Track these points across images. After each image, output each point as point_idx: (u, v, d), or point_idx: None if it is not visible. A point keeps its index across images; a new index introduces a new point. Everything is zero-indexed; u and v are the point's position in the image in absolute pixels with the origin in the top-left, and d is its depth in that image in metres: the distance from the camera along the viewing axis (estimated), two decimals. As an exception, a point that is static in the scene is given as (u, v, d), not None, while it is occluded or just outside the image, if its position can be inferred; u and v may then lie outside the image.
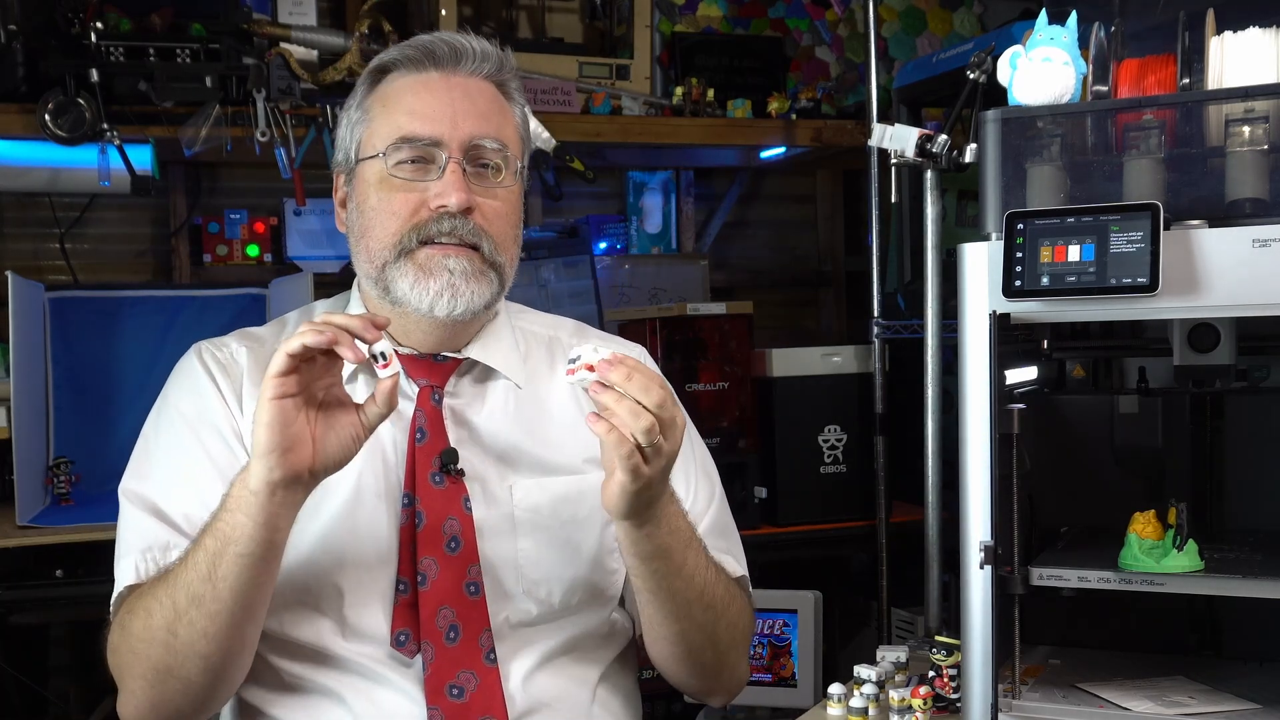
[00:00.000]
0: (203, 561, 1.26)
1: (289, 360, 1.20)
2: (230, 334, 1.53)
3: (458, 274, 1.40)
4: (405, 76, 1.45)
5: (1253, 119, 1.42)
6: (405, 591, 1.39)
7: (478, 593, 1.40)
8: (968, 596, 1.47)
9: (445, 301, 1.40)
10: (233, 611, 1.26)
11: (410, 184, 1.41)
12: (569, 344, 1.58)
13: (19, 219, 2.91)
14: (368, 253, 1.44)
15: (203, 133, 2.48)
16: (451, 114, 1.41)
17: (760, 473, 2.68)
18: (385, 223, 1.41)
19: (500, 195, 1.44)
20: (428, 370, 1.46)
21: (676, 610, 1.43)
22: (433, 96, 1.43)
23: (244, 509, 1.23)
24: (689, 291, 3.20)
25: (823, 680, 2.24)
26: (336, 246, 3.03)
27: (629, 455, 1.23)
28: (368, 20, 2.64)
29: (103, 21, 2.43)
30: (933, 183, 2.32)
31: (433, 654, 1.38)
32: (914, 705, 1.65)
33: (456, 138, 1.41)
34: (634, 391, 1.22)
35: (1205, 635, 1.68)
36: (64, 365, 2.64)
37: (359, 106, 1.48)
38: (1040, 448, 1.62)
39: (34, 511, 2.35)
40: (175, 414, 1.45)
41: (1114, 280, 1.37)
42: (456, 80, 1.44)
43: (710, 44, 3.23)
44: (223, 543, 1.24)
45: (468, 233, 1.40)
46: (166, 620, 1.28)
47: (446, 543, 1.40)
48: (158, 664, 1.30)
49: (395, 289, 1.41)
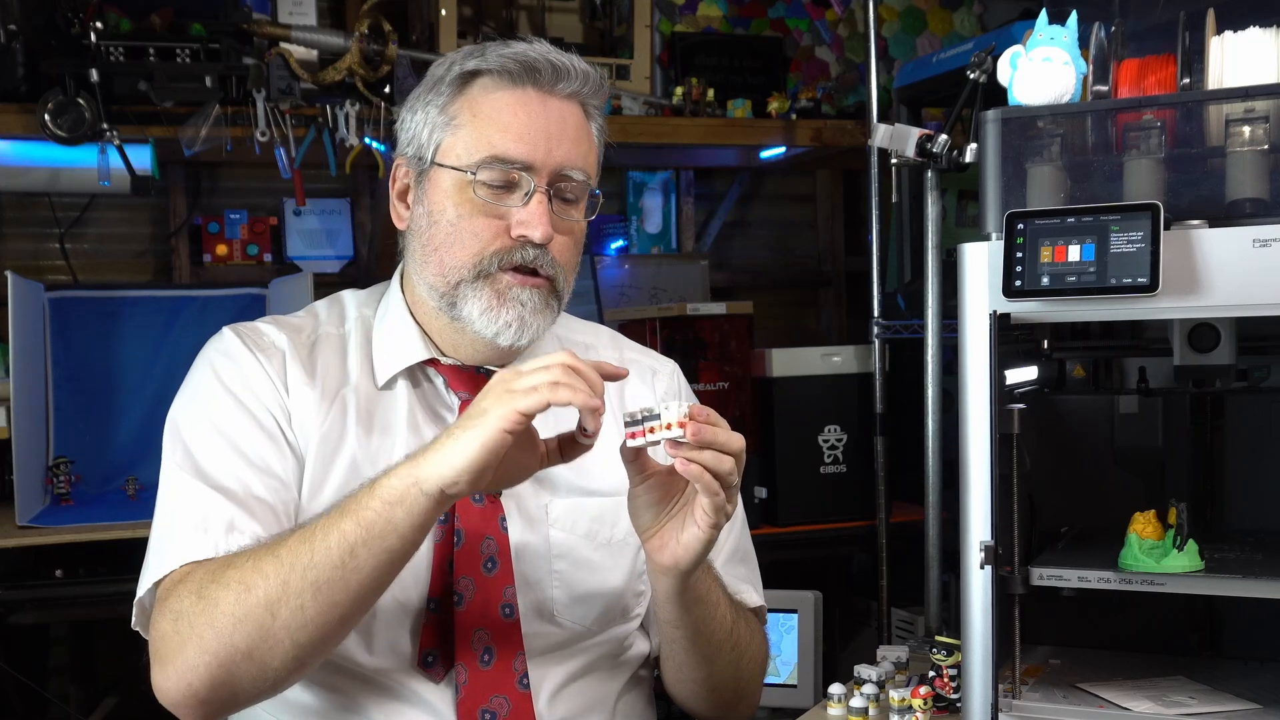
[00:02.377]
0: (336, 546, 1.20)
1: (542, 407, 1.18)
2: (264, 320, 1.48)
3: (529, 308, 1.38)
4: (501, 90, 1.39)
5: (1253, 119, 1.42)
6: (436, 610, 1.36)
7: (512, 615, 1.38)
8: (968, 596, 1.47)
9: (513, 332, 1.38)
10: (352, 604, 1.22)
11: (493, 206, 1.38)
12: (606, 357, 1.55)
13: (19, 219, 2.91)
14: (440, 266, 1.39)
15: (203, 133, 2.48)
16: (546, 138, 1.38)
17: (760, 473, 2.68)
18: (466, 242, 1.38)
19: (575, 230, 1.43)
20: (470, 383, 1.43)
21: (709, 654, 1.43)
22: (530, 118, 1.38)
23: (407, 506, 1.19)
24: (689, 291, 3.20)
25: (823, 680, 2.24)
26: (336, 246, 3.03)
27: (720, 502, 1.23)
28: (368, 20, 2.64)
29: (103, 21, 2.43)
30: (933, 183, 2.32)
31: (466, 676, 1.35)
32: (914, 705, 1.65)
33: (549, 165, 1.37)
34: (721, 441, 1.22)
35: (1205, 635, 1.68)
36: (64, 365, 2.64)
37: (443, 109, 1.41)
38: (1040, 448, 1.62)
39: (34, 511, 2.35)
40: (220, 389, 1.39)
41: (1114, 280, 1.37)
42: (553, 103, 1.39)
43: (710, 44, 3.23)
44: (368, 533, 1.19)
45: (546, 264, 1.39)
46: (269, 599, 1.20)
47: (484, 563, 1.38)
48: (241, 643, 1.21)
49: (464, 309, 1.39)
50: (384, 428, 1.42)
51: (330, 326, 1.49)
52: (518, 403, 1.17)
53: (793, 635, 2.31)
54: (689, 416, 1.20)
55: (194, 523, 1.30)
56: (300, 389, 1.41)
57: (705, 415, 1.22)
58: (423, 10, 2.84)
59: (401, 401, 1.44)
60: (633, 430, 1.23)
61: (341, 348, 1.47)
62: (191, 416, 1.39)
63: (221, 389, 1.39)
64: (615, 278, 3.18)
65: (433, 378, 1.46)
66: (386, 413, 1.43)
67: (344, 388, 1.43)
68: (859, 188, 3.32)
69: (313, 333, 1.47)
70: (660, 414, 1.21)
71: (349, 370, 1.45)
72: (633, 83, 2.95)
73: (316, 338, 1.47)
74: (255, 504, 1.32)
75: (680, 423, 1.20)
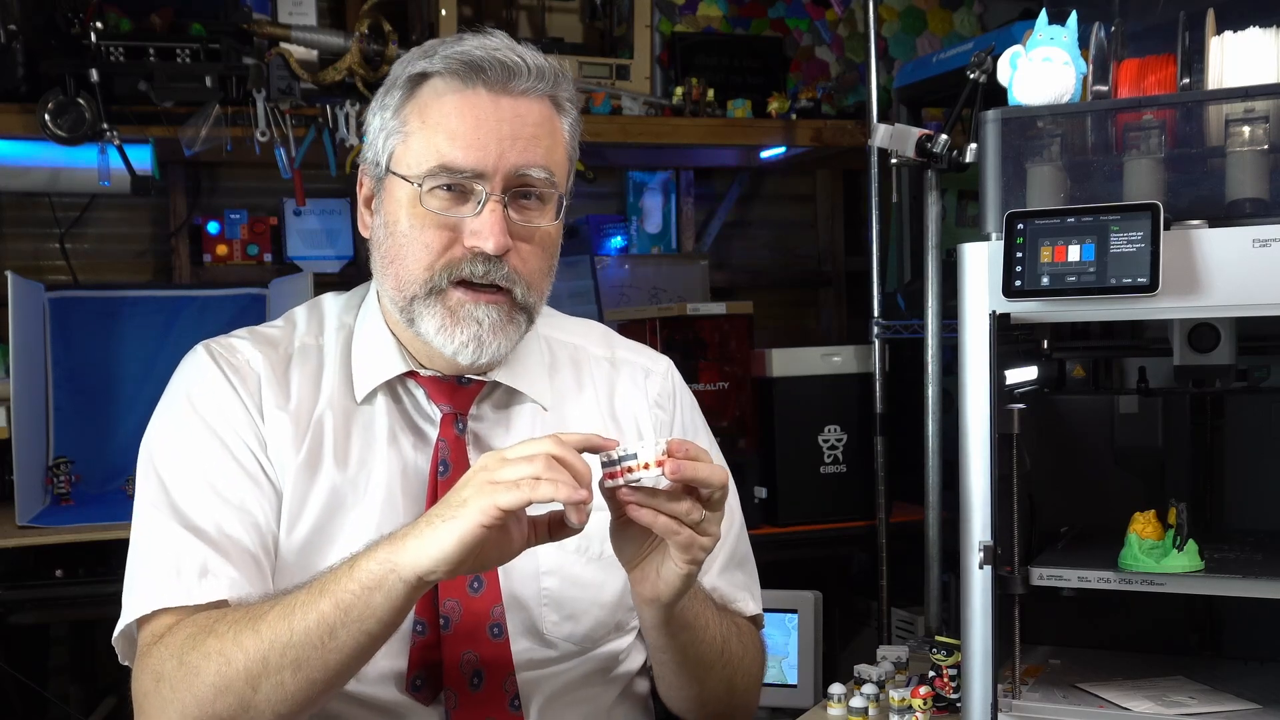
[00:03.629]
0: (315, 627, 1.18)
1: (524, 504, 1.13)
2: (236, 333, 1.44)
3: (485, 326, 1.32)
4: (449, 92, 1.31)
5: (1253, 119, 1.42)
6: (423, 633, 1.34)
7: (501, 635, 1.36)
8: (968, 596, 1.47)
9: (470, 352, 1.33)
10: (331, 681, 1.21)
11: (445, 217, 1.31)
12: (597, 359, 1.52)
13: (19, 219, 2.91)
14: (396, 280, 1.34)
15: (203, 133, 2.48)
16: (497, 142, 1.30)
17: (760, 473, 2.68)
18: (417, 255, 1.32)
19: (538, 236, 1.35)
20: (451, 394, 1.40)
21: (699, 674, 1.42)
22: (478, 122, 1.30)
23: (385, 591, 1.16)
24: (689, 291, 3.20)
25: (823, 680, 2.24)
26: (336, 246, 3.03)
27: (685, 540, 1.20)
28: (368, 20, 2.64)
29: (103, 21, 2.43)
30: (933, 183, 2.32)
31: (456, 701, 1.33)
32: (914, 705, 1.65)
33: (502, 169, 1.30)
34: (702, 478, 1.18)
35: (1205, 635, 1.68)
36: (64, 365, 2.65)
37: (395, 114, 1.34)
38: (1040, 448, 1.62)
39: (34, 511, 2.35)
40: (197, 420, 1.35)
41: (1114, 280, 1.37)
42: (506, 103, 1.31)
43: (710, 44, 3.23)
44: (346, 615, 1.17)
45: (501, 277, 1.31)
46: (250, 673, 1.19)
47: (469, 583, 1.35)
48: (223, 712, 1.21)
49: (420, 326, 1.34)
50: (364, 447, 1.38)
51: (308, 337, 1.44)
52: (498, 498, 1.13)
53: (793, 635, 2.31)
54: (667, 454, 1.16)
55: (168, 565, 1.28)
56: (275, 414, 1.36)
57: (684, 450, 1.17)
58: (423, 10, 2.84)
59: (381, 417, 1.40)
60: (610, 470, 1.18)
61: (318, 361, 1.42)
62: (166, 450, 1.36)
63: (197, 420, 1.35)
64: (615, 278, 3.18)
65: (413, 390, 1.41)
66: (365, 430, 1.39)
67: (320, 407, 1.39)
68: (859, 188, 3.32)
69: (288, 346, 1.42)
70: (637, 453, 1.17)
71: (324, 386, 1.40)
72: (633, 83, 2.94)
73: (293, 351, 1.42)
74: (230, 545, 1.29)
75: (658, 461, 1.16)
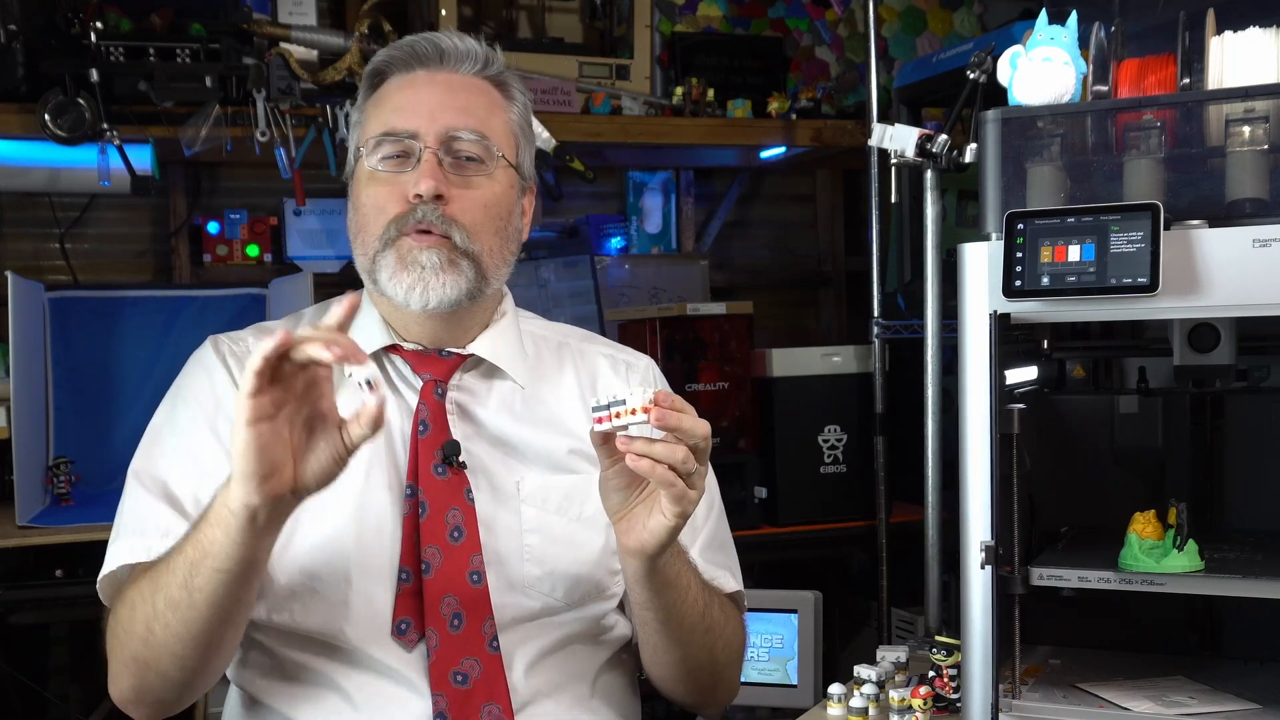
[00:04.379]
0: (180, 569, 1.25)
1: (256, 380, 1.13)
2: (247, 328, 1.55)
3: (429, 268, 1.41)
4: (396, 78, 1.48)
5: (1253, 119, 1.43)
6: (408, 580, 1.40)
7: (480, 581, 1.41)
8: (968, 596, 1.47)
9: (418, 295, 1.42)
10: (209, 620, 1.26)
11: (392, 177, 1.43)
12: (579, 350, 1.59)
13: (19, 219, 2.90)
14: (363, 247, 1.46)
15: (203, 133, 2.48)
16: (430, 108, 1.44)
17: (760, 473, 2.68)
18: (373, 217, 1.44)
19: (478, 184, 1.45)
20: (431, 364, 1.48)
21: (682, 636, 1.45)
22: (416, 93, 1.46)
23: (223, 527, 1.20)
24: (689, 291, 3.20)
25: (823, 680, 2.24)
26: (336, 246, 3.03)
27: (679, 491, 1.24)
28: (368, 20, 2.64)
29: (103, 21, 2.43)
30: (933, 183, 2.32)
31: (437, 641, 1.38)
32: (914, 705, 1.65)
33: (433, 130, 1.42)
34: (686, 428, 1.23)
35: (1205, 635, 1.68)
36: (64, 365, 2.64)
37: (358, 109, 1.52)
38: (1040, 448, 1.62)
39: (34, 511, 2.35)
40: (189, 399, 1.46)
41: (1114, 280, 1.37)
42: (441, 77, 1.47)
43: (710, 44, 3.23)
44: (201, 554, 1.23)
45: (436, 220, 1.41)
46: (145, 618, 1.29)
47: (450, 532, 1.41)
48: (137, 656, 1.32)
49: (380, 281, 1.44)
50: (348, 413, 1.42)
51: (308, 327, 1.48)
52: (242, 390, 1.13)
53: (793, 635, 2.31)
54: (654, 402, 1.22)
55: (135, 525, 1.40)
56: None
57: (670, 401, 1.23)
58: (423, 10, 2.84)
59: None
60: (599, 415, 1.24)
61: None
62: (159, 425, 1.47)
63: (191, 400, 1.46)
64: (615, 278, 3.18)
65: (399, 365, 1.49)
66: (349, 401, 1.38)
67: None
68: (859, 188, 3.32)
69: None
70: (626, 399, 1.23)
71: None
72: (633, 83, 2.94)
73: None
74: (197, 511, 1.33)
75: (645, 408, 1.21)
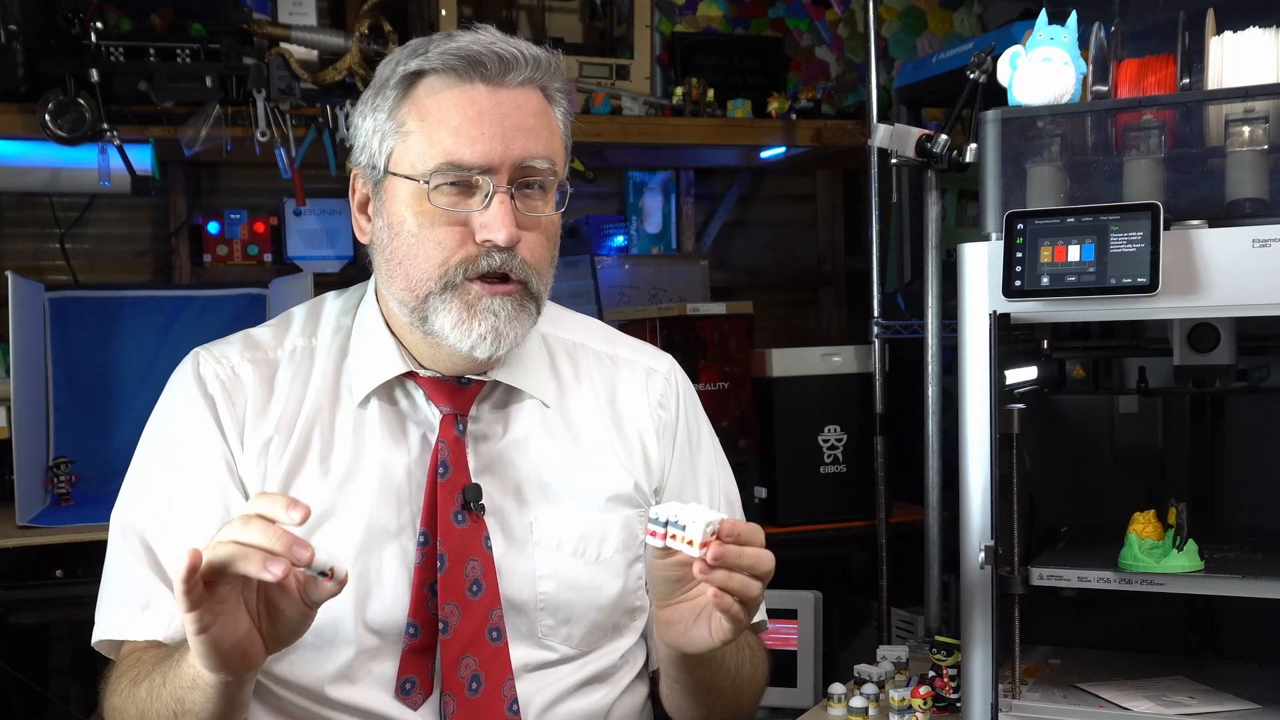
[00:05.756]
0: (164, 710, 1.21)
1: (188, 598, 1.06)
2: (233, 339, 1.44)
3: (502, 317, 1.31)
4: (448, 90, 1.31)
5: (1253, 119, 1.43)
6: (415, 635, 1.33)
7: (500, 638, 1.34)
8: (968, 596, 1.47)
9: (488, 344, 1.32)
10: None
11: (454, 213, 1.31)
12: (596, 354, 1.51)
13: (19, 219, 2.90)
14: (406, 280, 1.33)
15: (203, 133, 2.48)
16: (501, 135, 1.30)
17: (760, 473, 2.68)
18: (429, 252, 1.31)
19: (544, 224, 1.35)
20: (451, 395, 1.38)
21: (711, 700, 1.43)
22: (481, 117, 1.30)
23: (202, 690, 1.16)
24: (689, 291, 3.20)
25: (823, 680, 2.24)
26: (336, 246, 3.03)
27: (736, 614, 1.20)
28: (368, 20, 2.64)
29: (103, 21, 2.43)
30: (933, 183, 2.32)
31: (454, 706, 1.32)
32: (914, 705, 1.65)
33: (507, 161, 1.30)
34: (746, 565, 1.18)
35: (1205, 635, 1.68)
36: (64, 365, 2.64)
37: (390, 115, 1.34)
38: (1040, 448, 1.62)
39: (34, 511, 2.35)
40: (171, 444, 1.39)
41: (1114, 280, 1.37)
42: (504, 95, 1.31)
43: (710, 44, 3.23)
44: (181, 706, 1.19)
45: (516, 269, 1.31)
46: None
47: (468, 586, 1.33)
48: None
49: (435, 323, 1.32)
50: (353, 450, 1.37)
51: (300, 339, 1.44)
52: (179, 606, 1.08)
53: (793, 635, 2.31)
54: (715, 535, 1.15)
55: (119, 592, 1.37)
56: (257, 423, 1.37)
57: (735, 534, 1.16)
58: (423, 10, 2.84)
59: (373, 419, 1.38)
60: (654, 530, 1.18)
61: (309, 363, 1.42)
62: (142, 468, 1.41)
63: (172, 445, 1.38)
64: (615, 278, 3.17)
65: (411, 391, 1.40)
66: (355, 434, 1.38)
67: (307, 411, 1.38)
68: (859, 188, 3.32)
69: (277, 350, 1.42)
70: (686, 526, 1.16)
71: (311, 389, 1.40)
72: (633, 83, 2.94)
73: (282, 356, 1.42)
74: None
75: (704, 543, 1.14)
